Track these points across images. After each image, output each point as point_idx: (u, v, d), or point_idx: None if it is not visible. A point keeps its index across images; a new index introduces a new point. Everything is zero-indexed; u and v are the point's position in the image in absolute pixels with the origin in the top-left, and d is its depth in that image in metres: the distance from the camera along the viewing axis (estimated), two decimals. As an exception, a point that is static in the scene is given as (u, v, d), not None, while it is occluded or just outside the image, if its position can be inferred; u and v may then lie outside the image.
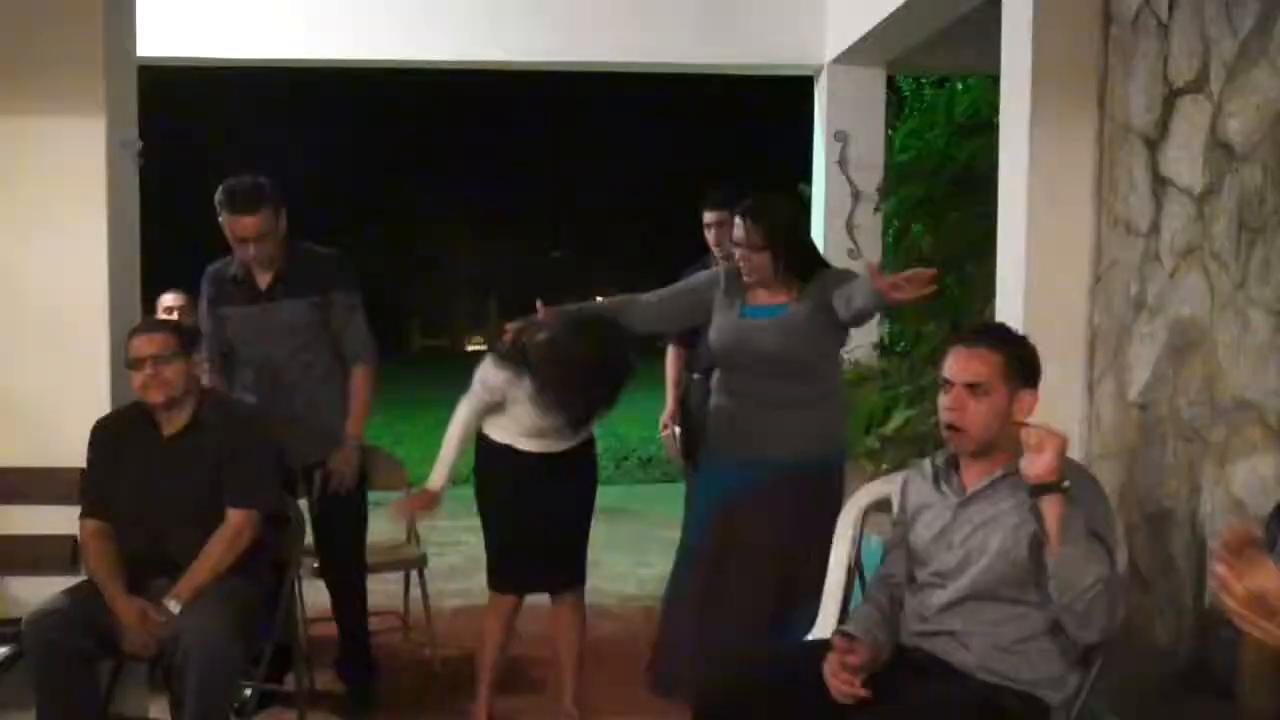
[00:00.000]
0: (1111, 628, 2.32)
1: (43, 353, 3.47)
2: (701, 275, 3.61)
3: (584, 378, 3.25)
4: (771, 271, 3.35)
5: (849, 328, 3.41)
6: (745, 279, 3.41)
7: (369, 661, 4.06)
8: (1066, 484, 2.32)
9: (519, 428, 3.48)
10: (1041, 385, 3.48)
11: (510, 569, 3.60)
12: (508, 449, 3.51)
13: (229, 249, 3.84)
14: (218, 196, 3.72)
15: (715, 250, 4.52)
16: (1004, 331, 2.61)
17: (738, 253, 3.39)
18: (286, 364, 3.79)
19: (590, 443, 3.64)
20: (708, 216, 4.58)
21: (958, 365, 2.51)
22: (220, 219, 3.75)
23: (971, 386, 2.47)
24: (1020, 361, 2.50)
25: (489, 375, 3.46)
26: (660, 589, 5.44)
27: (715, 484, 3.49)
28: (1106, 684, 2.61)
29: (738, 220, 3.39)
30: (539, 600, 3.73)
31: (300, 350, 3.80)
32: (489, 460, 3.57)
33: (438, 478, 3.51)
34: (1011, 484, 2.46)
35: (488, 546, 3.66)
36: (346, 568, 3.96)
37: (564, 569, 3.63)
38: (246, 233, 3.68)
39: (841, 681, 2.43)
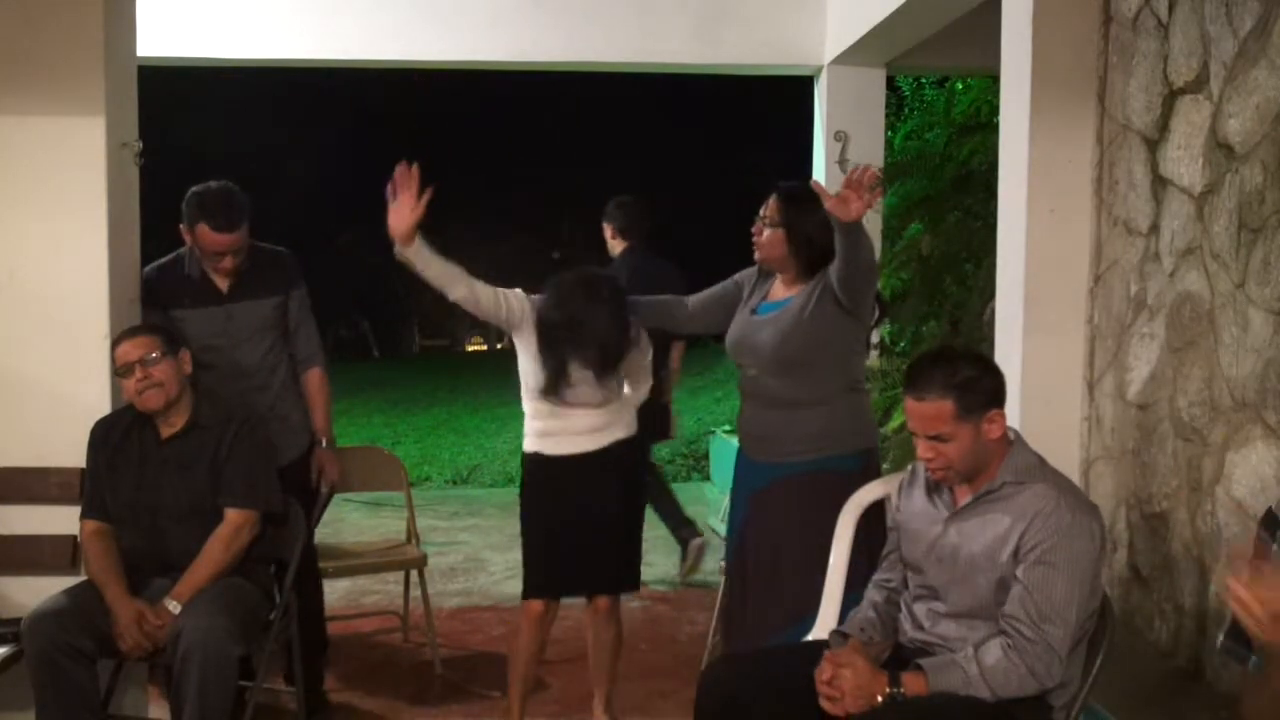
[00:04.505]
0: (1048, 674, 2.35)
1: (43, 353, 3.46)
2: (738, 275, 3.51)
3: (584, 294, 3.32)
4: (784, 254, 3.25)
5: (850, 310, 3.17)
6: (757, 257, 3.35)
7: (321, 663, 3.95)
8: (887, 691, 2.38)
9: (536, 419, 3.44)
10: (1042, 385, 3.52)
11: (538, 573, 3.49)
12: (539, 458, 3.46)
13: (174, 247, 3.71)
14: (191, 205, 3.55)
15: None
16: (947, 366, 2.49)
17: (756, 226, 3.31)
18: (256, 366, 3.73)
19: (625, 443, 3.50)
20: None
21: (913, 421, 2.50)
22: (186, 226, 3.58)
23: (934, 437, 2.47)
24: (972, 393, 2.46)
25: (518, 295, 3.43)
26: (660, 588, 5.47)
27: (740, 487, 3.44)
28: (1106, 684, 2.61)
29: (770, 197, 3.31)
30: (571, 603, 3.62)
31: (268, 352, 3.75)
32: (527, 473, 3.52)
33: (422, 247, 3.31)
34: (1000, 498, 2.47)
35: (523, 556, 3.54)
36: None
37: (598, 572, 3.50)
38: (227, 248, 3.58)
39: (828, 698, 2.43)
